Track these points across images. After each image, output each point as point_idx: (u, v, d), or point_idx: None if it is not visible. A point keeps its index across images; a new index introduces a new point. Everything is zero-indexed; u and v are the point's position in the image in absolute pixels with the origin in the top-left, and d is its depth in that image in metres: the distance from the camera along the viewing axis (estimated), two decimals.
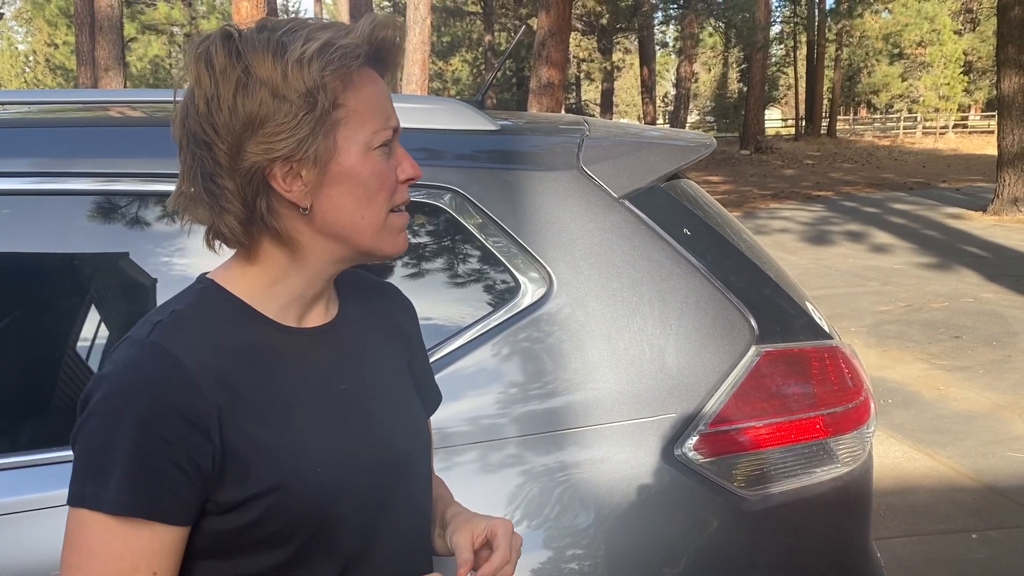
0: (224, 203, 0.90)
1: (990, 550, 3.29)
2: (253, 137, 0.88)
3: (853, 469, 1.50)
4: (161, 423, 0.85)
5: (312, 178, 0.91)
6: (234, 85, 0.87)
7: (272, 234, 0.93)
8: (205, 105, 0.88)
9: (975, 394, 5.06)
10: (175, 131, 0.93)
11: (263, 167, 0.89)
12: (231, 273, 0.98)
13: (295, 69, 0.87)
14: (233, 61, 0.88)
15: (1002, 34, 13.16)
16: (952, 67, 42.99)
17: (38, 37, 42.51)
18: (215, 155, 0.89)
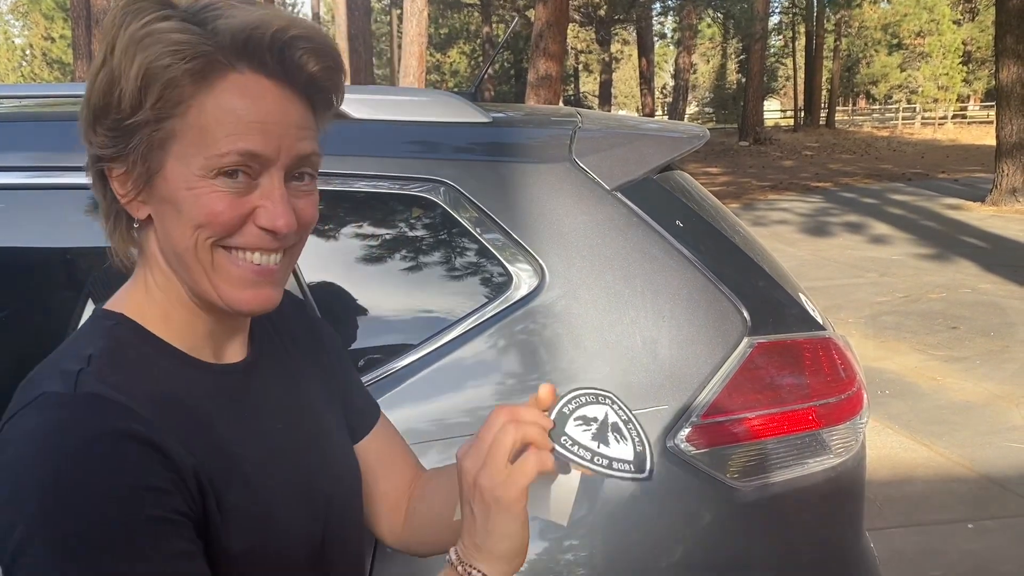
0: (100, 211, 0.80)
1: (987, 540, 3.30)
2: (97, 122, 0.76)
3: (846, 460, 1.51)
4: (143, 478, 0.69)
5: (136, 186, 0.77)
6: (102, 55, 0.74)
7: (139, 249, 0.81)
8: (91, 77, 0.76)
9: (972, 384, 5.07)
10: None
11: (101, 159, 0.77)
12: (131, 301, 0.83)
13: (129, 48, 0.72)
14: (117, 24, 0.74)
15: (1001, 24, 13.14)
16: (951, 57, 42.93)
17: (35, 31, 42.38)
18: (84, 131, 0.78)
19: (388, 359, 1.39)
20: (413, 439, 1.34)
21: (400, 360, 1.39)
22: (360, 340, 1.44)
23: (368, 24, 22.39)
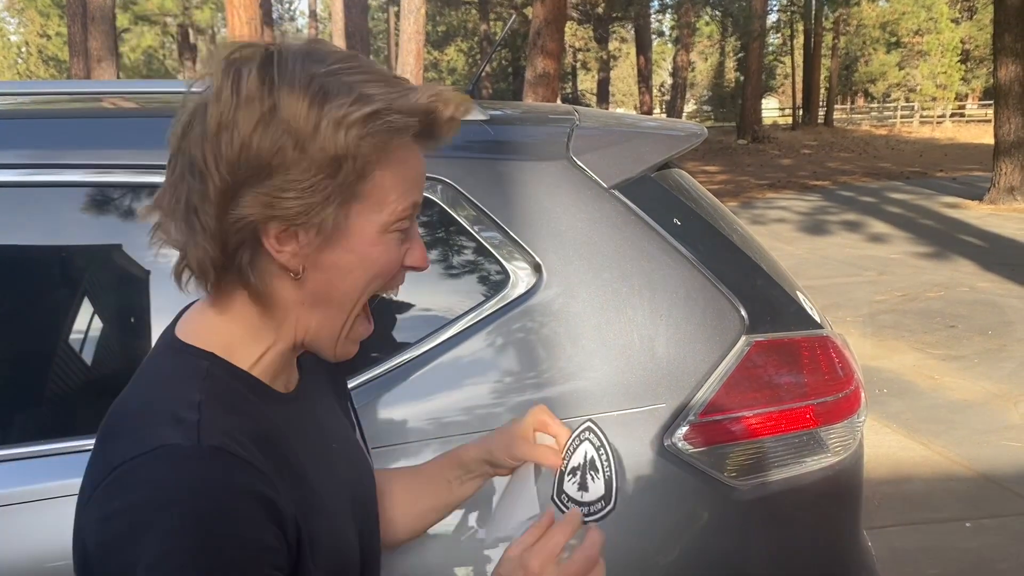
0: (201, 240, 0.77)
1: (984, 539, 3.30)
2: (257, 185, 0.75)
3: (844, 459, 1.51)
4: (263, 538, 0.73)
5: (311, 244, 0.79)
6: (256, 119, 0.74)
7: (249, 289, 0.81)
8: (216, 127, 0.75)
9: (970, 383, 5.08)
10: (173, 136, 0.79)
11: (257, 220, 0.76)
12: (218, 335, 0.84)
13: (331, 128, 0.75)
14: (264, 91, 0.75)
15: (999, 22, 13.14)
16: (949, 56, 42.93)
17: (30, 28, 42.32)
18: (206, 187, 0.76)
19: (385, 357, 1.39)
20: (410, 437, 1.34)
21: (397, 358, 1.39)
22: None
23: (365, 22, 22.38)
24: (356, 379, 1.36)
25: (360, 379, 1.36)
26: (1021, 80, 12.88)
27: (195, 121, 0.77)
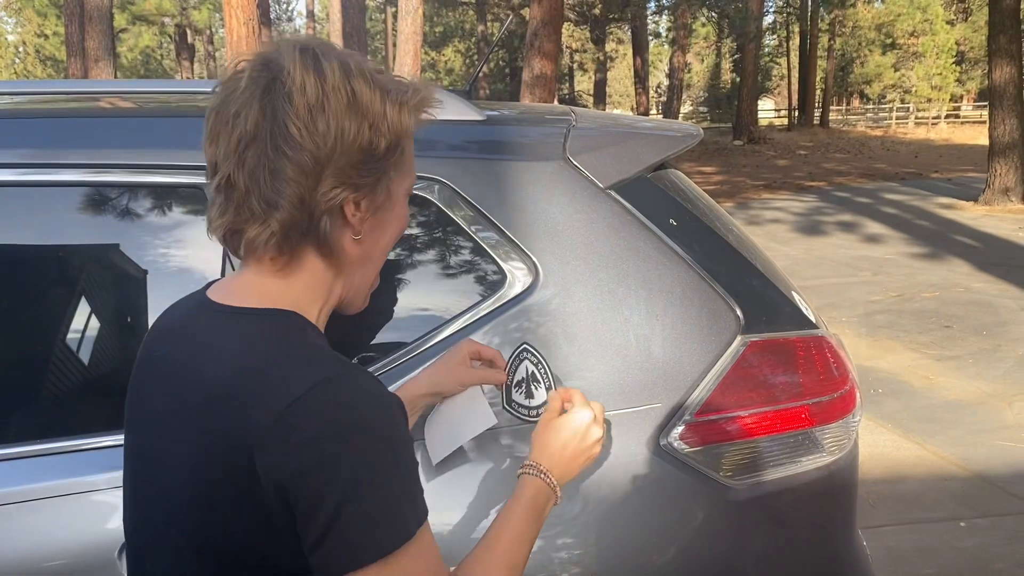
0: (290, 209, 0.89)
1: (979, 538, 3.31)
2: (344, 161, 0.89)
3: (839, 458, 1.51)
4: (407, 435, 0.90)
5: (371, 208, 0.95)
6: (345, 104, 0.88)
7: (323, 251, 0.94)
8: (307, 112, 0.87)
9: (965, 383, 5.09)
10: (248, 118, 0.87)
11: (344, 190, 0.91)
12: (289, 297, 0.94)
13: (395, 112, 0.92)
14: (345, 81, 0.89)
15: (994, 24, 13.18)
16: (944, 57, 43.04)
17: (28, 28, 42.23)
18: (303, 163, 0.87)
19: (382, 356, 1.39)
20: None
21: (394, 357, 1.39)
22: (352, 338, 1.44)
23: (363, 22, 22.35)
24: None
25: None
26: (1016, 81, 12.92)
27: (278, 106, 0.87)
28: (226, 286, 0.98)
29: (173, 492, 0.89)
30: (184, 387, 0.90)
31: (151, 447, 0.94)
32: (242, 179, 0.88)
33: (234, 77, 0.90)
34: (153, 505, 0.94)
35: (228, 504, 0.84)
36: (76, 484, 1.30)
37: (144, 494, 0.97)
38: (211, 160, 0.91)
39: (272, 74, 0.88)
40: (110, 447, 1.33)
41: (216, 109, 0.90)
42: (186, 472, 0.87)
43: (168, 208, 1.44)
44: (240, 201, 0.89)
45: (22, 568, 1.27)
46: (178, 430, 0.89)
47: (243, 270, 0.97)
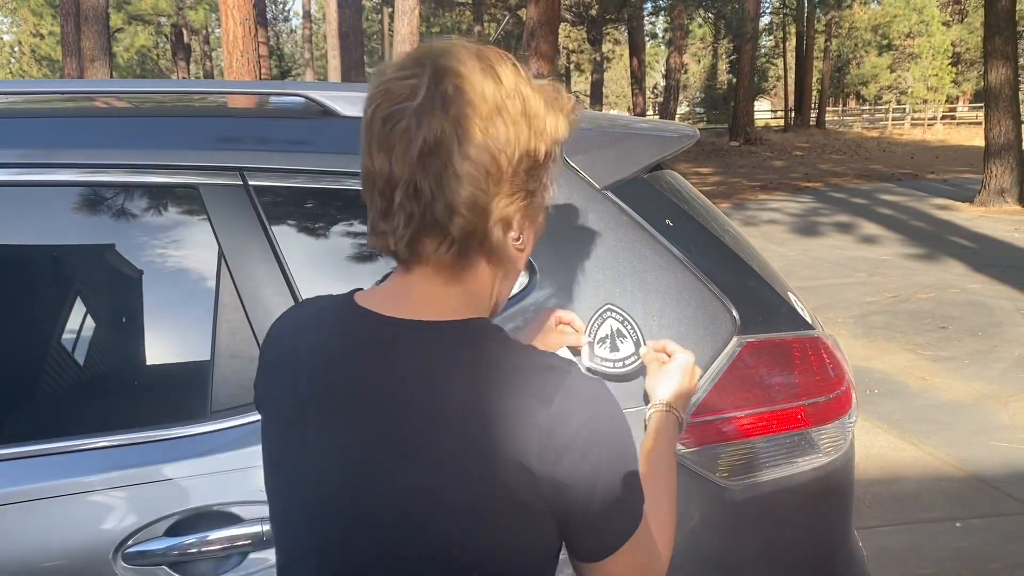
0: (461, 218, 0.87)
1: (974, 538, 3.32)
2: (519, 169, 0.89)
3: (835, 459, 1.51)
4: None
5: (528, 216, 0.94)
6: (520, 111, 0.89)
7: (493, 258, 0.94)
8: (488, 118, 0.86)
9: (961, 384, 5.10)
10: (431, 125, 0.85)
11: (520, 198, 0.91)
12: (459, 305, 0.94)
13: (557, 121, 0.92)
14: (517, 87, 0.89)
15: (989, 25, 13.21)
16: (940, 58, 43.14)
17: (23, 27, 42.14)
18: (482, 169, 0.87)
19: None
20: None
21: None
22: None
23: (359, 22, 22.35)
24: None
25: None
26: (1011, 83, 12.95)
27: (453, 112, 0.86)
28: (394, 296, 0.95)
29: (415, 510, 0.88)
30: (412, 408, 0.89)
31: (358, 464, 0.91)
32: (428, 186, 0.86)
33: (402, 83, 0.88)
34: (367, 521, 0.91)
35: (498, 518, 0.87)
36: (72, 485, 1.30)
37: (346, 510, 0.92)
38: (381, 169, 0.88)
39: (451, 80, 0.87)
40: (106, 447, 1.32)
41: (386, 116, 0.87)
42: (441, 490, 0.87)
43: (164, 208, 1.44)
44: (425, 208, 0.87)
45: (18, 569, 1.27)
46: (417, 450, 0.88)
47: (408, 279, 0.94)
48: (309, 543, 0.95)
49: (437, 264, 0.91)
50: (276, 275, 1.39)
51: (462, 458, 0.86)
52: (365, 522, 0.90)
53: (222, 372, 1.37)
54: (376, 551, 0.90)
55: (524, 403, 0.86)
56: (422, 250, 0.90)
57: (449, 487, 0.87)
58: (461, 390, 0.87)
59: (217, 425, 1.34)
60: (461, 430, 0.86)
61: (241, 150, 1.44)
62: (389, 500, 0.89)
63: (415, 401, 0.89)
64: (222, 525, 1.29)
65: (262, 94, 1.92)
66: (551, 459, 0.85)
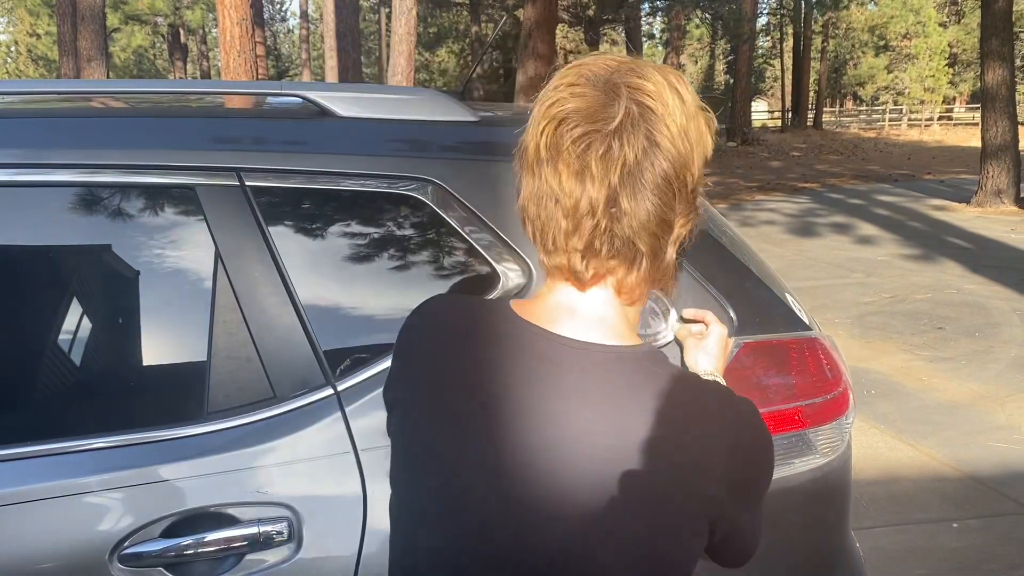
0: (649, 236, 0.89)
1: (971, 539, 3.32)
2: (696, 185, 0.92)
3: (832, 460, 1.51)
4: None
5: (690, 236, 0.96)
6: (702, 128, 0.91)
7: (665, 273, 0.95)
8: (678, 137, 0.88)
9: (957, 385, 5.10)
10: (632, 145, 0.86)
11: (692, 215, 0.93)
12: (630, 321, 0.97)
13: (711, 134, 0.93)
14: (695, 106, 0.91)
15: (986, 26, 13.23)
16: (937, 59, 43.20)
17: (19, 27, 42.09)
18: (671, 185, 0.88)
19: (375, 358, 1.39)
20: None
21: (387, 359, 1.38)
22: (347, 339, 1.44)
23: (356, 22, 22.33)
24: (348, 381, 1.36)
25: (351, 381, 1.36)
26: (1008, 83, 12.97)
27: (651, 132, 0.87)
28: (559, 312, 0.95)
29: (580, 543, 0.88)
30: (589, 437, 0.88)
31: (517, 482, 0.90)
32: (627, 205, 0.87)
33: (587, 101, 0.88)
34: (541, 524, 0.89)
35: (667, 552, 0.89)
36: (68, 486, 1.29)
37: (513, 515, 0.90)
38: (570, 189, 0.87)
39: (646, 100, 0.87)
40: (101, 448, 1.32)
41: (578, 136, 0.87)
42: (613, 523, 0.87)
43: (161, 209, 1.44)
44: (618, 228, 0.88)
45: (13, 571, 1.26)
46: (590, 480, 0.88)
47: (579, 297, 0.94)
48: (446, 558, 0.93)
49: (619, 285, 0.92)
50: (273, 276, 1.39)
51: (640, 490, 0.86)
52: (522, 545, 0.89)
53: (218, 373, 1.37)
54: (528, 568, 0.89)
55: (708, 434, 0.89)
56: (605, 269, 0.91)
57: (622, 521, 0.87)
58: (643, 423, 0.88)
59: (213, 426, 1.34)
60: (643, 463, 0.86)
61: (238, 150, 1.44)
62: (550, 531, 0.88)
63: (593, 430, 0.88)
64: (219, 526, 1.29)
65: (259, 94, 1.92)
66: (730, 485, 0.89)
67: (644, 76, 0.89)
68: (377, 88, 1.58)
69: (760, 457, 0.93)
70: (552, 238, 0.90)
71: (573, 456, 0.88)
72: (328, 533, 1.31)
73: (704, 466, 0.88)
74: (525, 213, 0.93)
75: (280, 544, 1.29)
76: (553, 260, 0.92)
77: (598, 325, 0.93)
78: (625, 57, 0.92)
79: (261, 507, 1.30)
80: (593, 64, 0.92)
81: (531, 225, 0.93)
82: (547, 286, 0.97)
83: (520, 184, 0.95)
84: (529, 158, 0.91)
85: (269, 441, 1.33)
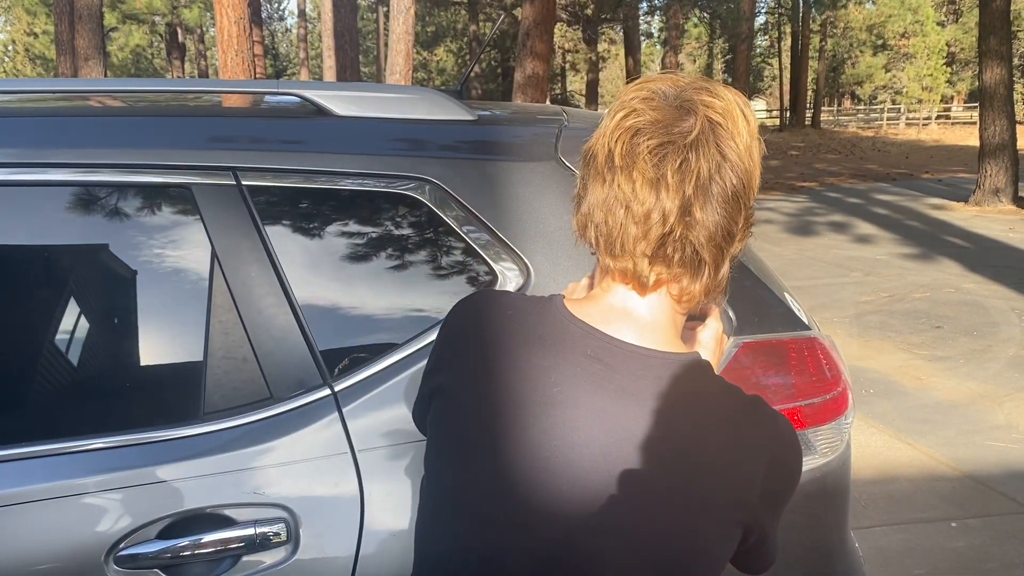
0: (715, 247, 0.92)
1: (969, 538, 3.32)
2: (753, 195, 0.95)
3: (831, 460, 1.51)
4: None
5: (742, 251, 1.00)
6: (761, 145, 0.95)
7: (712, 288, 0.97)
8: (744, 152, 0.92)
9: (956, 384, 5.11)
10: (706, 157, 0.90)
11: (750, 226, 0.96)
12: (678, 327, 1.01)
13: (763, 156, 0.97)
14: (756, 124, 0.95)
15: (984, 25, 13.24)
16: (935, 58, 43.23)
17: (17, 26, 42.04)
18: (738, 197, 0.92)
19: (373, 358, 1.38)
20: (396, 440, 1.34)
21: (385, 359, 1.38)
22: (344, 339, 1.43)
23: (354, 21, 22.32)
24: (345, 381, 1.36)
25: (349, 381, 1.36)
26: (1006, 83, 12.98)
27: (722, 147, 0.91)
28: (613, 315, 0.97)
29: (610, 546, 0.90)
30: (635, 440, 0.91)
31: (560, 476, 0.92)
32: (699, 216, 0.90)
33: (662, 113, 0.92)
34: (582, 519, 0.91)
35: (713, 538, 0.92)
36: (63, 487, 1.29)
37: (555, 509, 0.92)
38: (643, 197, 0.91)
39: (719, 116, 0.92)
40: (97, 449, 1.31)
41: (655, 147, 0.91)
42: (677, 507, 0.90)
43: (157, 208, 1.43)
44: (689, 236, 0.91)
45: (7, 573, 1.25)
46: (629, 481, 0.91)
47: (637, 301, 0.97)
48: (481, 544, 0.94)
49: (681, 293, 0.95)
50: (269, 276, 1.38)
51: (681, 493, 0.90)
52: (560, 540, 0.91)
53: (215, 373, 1.36)
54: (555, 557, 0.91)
55: (752, 445, 0.93)
56: (670, 276, 0.94)
57: (661, 522, 0.90)
58: (689, 429, 0.92)
59: (210, 427, 1.33)
60: (687, 468, 0.90)
61: (234, 149, 1.43)
62: (590, 526, 0.90)
63: (639, 432, 0.91)
64: (215, 528, 1.28)
65: (255, 93, 1.91)
66: (765, 495, 0.93)
67: (715, 94, 0.93)
68: (374, 87, 1.57)
69: (795, 470, 0.97)
70: (620, 243, 0.93)
71: (617, 455, 0.90)
72: (325, 534, 1.30)
73: (746, 476, 0.91)
74: (589, 219, 0.96)
75: (277, 545, 1.29)
76: (619, 264, 0.94)
77: (652, 330, 0.96)
78: (693, 75, 0.98)
79: (258, 508, 1.29)
80: (663, 80, 0.96)
81: (595, 230, 0.95)
82: (602, 287, 1.00)
83: (584, 191, 0.98)
84: (600, 165, 0.94)
85: (266, 442, 1.32)
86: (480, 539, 0.94)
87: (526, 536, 0.92)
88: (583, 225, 0.98)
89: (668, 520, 0.89)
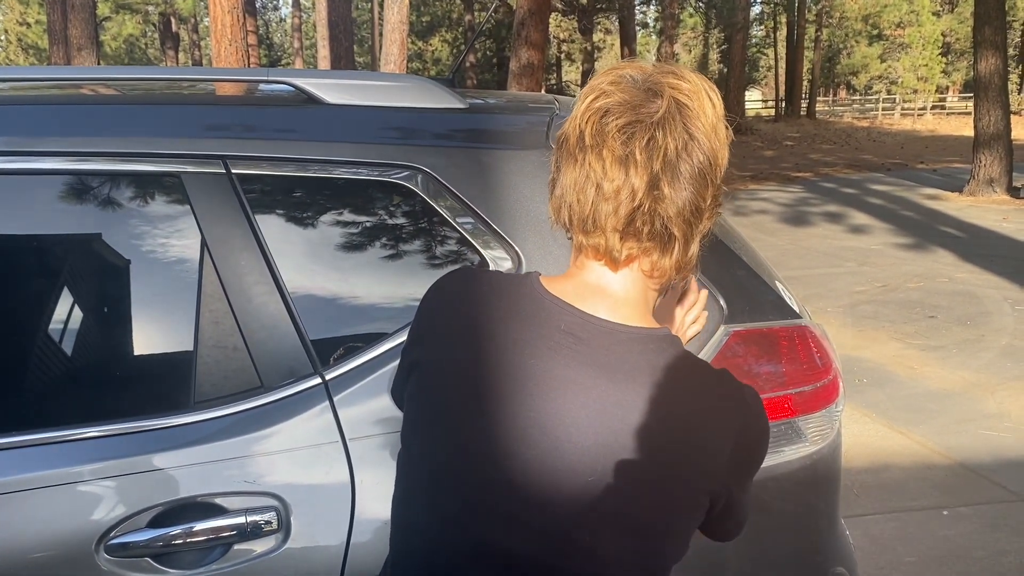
0: (683, 223, 0.94)
1: (961, 526, 3.34)
2: (722, 174, 0.98)
3: (821, 448, 1.51)
4: None
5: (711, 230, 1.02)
6: (727, 127, 0.99)
7: (684, 265, 0.99)
8: (710, 132, 0.95)
9: (949, 373, 5.12)
10: (674, 136, 0.92)
11: (719, 205, 0.99)
12: (650, 304, 1.02)
13: (730, 141, 1.00)
14: (723, 108, 0.99)
15: (979, 15, 13.23)
16: (930, 48, 43.22)
17: (9, 16, 41.78)
18: (705, 175, 0.94)
19: (363, 347, 1.38)
20: (387, 428, 1.34)
21: (375, 349, 1.38)
22: (334, 328, 1.43)
23: (349, 11, 22.23)
24: (336, 370, 1.36)
25: (340, 370, 1.36)
26: (1001, 73, 12.99)
27: (689, 127, 0.93)
28: (587, 292, 0.99)
29: (588, 519, 0.93)
30: (609, 413, 0.93)
31: (535, 448, 0.94)
32: (667, 192, 0.92)
33: (630, 95, 0.94)
34: (553, 487, 0.93)
35: (681, 507, 0.95)
36: (53, 476, 1.28)
37: (528, 478, 0.94)
38: (613, 175, 0.93)
39: (685, 97, 0.95)
40: (88, 438, 1.31)
41: (623, 125, 0.93)
42: (644, 476, 0.93)
43: (146, 197, 1.43)
44: (658, 212, 0.93)
45: (2, 561, 1.25)
46: (604, 453, 0.93)
47: (609, 278, 0.99)
48: (459, 513, 0.97)
49: (652, 267, 0.97)
50: (260, 264, 1.38)
51: (650, 463, 0.92)
52: (534, 508, 0.94)
53: (205, 362, 1.36)
54: (532, 535, 0.94)
55: (719, 416, 0.95)
56: (640, 251, 0.95)
57: (629, 492, 0.92)
58: (659, 401, 0.93)
59: (200, 416, 1.33)
60: (656, 438, 0.92)
61: (224, 138, 1.43)
62: (560, 494, 0.92)
63: (610, 403, 0.93)
64: (206, 516, 1.28)
65: (246, 81, 1.90)
66: (732, 464, 0.95)
67: (681, 77, 0.96)
68: (365, 75, 1.56)
69: (762, 440, 0.99)
70: (592, 219, 0.95)
71: (588, 426, 0.92)
72: (316, 522, 1.30)
73: (714, 446, 0.93)
74: (562, 200, 0.98)
75: (268, 534, 1.29)
76: (592, 240, 0.96)
77: (624, 306, 0.98)
78: (661, 63, 1.00)
79: (249, 497, 1.29)
80: (631, 67, 0.98)
81: (568, 210, 0.97)
82: (577, 265, 1.01)
83: (558, 174, 1.00)
84: (571, 146, 0.96)
85: (257, 431, 1.32)
86: (458, 508, 0.97)
87: (503, 503, 0.94)
88: (557, 208, 1.00)
89: (639, 488, 0.92)
